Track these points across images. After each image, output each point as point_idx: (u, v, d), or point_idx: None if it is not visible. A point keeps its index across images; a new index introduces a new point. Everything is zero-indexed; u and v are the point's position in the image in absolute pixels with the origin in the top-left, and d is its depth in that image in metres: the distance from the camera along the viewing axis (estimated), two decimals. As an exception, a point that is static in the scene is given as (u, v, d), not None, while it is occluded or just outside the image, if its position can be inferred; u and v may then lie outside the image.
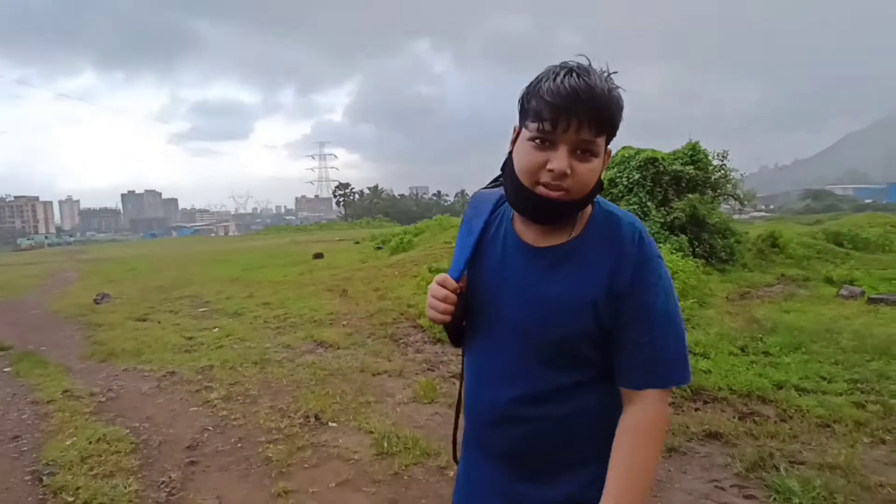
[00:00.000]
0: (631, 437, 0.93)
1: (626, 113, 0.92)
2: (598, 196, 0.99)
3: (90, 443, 3.34)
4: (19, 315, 9.05)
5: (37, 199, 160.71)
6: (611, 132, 0.92)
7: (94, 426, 3.64)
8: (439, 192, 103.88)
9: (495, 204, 1.08)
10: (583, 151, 0.90)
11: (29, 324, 8.17)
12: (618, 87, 0.90)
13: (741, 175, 12.03)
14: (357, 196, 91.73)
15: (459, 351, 1.13)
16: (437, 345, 5.61)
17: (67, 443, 3.36)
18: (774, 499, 2.54)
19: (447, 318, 1.02)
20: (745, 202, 12.40)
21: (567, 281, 0.95)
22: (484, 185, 1.17)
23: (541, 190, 0.92)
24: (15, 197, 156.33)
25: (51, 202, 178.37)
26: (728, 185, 11.42)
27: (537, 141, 0.90)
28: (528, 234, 1.01)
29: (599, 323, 0.94)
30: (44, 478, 2.94)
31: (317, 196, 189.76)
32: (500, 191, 1.06)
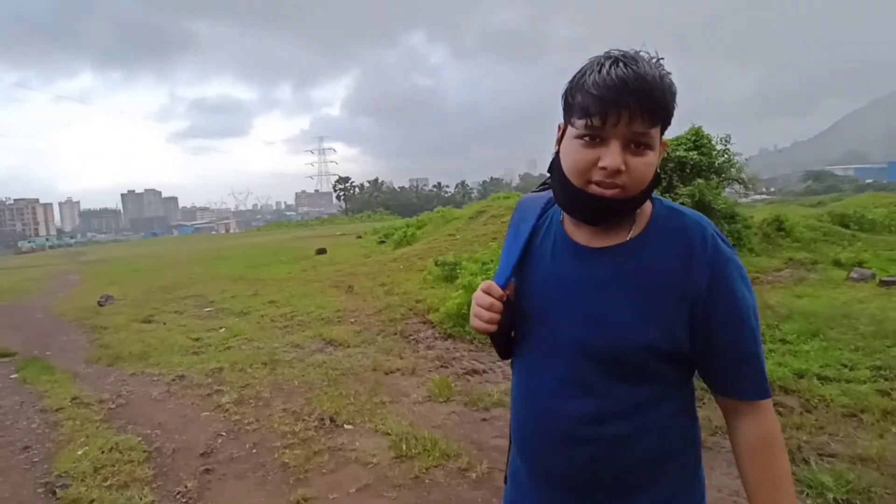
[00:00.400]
0: (765, 452, 0.88)
1: None
2: (656, 194, 0.93)
3: (102, 452, 3.28)
4: (23, 319, 9.00)
5: (37, 201, 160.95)
6: (665, 121, 0.85)
7: (105, 434, 3.58)
8: (439, 183, 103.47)
9: (543, 207, 1.02)
10: (637, 145, 0.83)
11: (33, 328, 8.12)
12: (669, 73, 0.83)
13: (745, 159, 11.94)
14: (357, 190, 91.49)
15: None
16: (448, 340, 5.51)
17: (79, 452, 3.30)
18: (808, 494, 2.47)
19: (493, 327, 0.95)
20: (750, 186, 12.29)
21: (627, 284, 0.88)
22: (532, 189, 1.11)
23: (593, 189, 0.85)
24: (15, 200, 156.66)
25: (51, 204, 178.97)
26: (732, 170, 11.33)
27: (586, 138, 0.84)
28: (581, 234, 0.93)
29: (668, 331, 0.86)
30: (57, 490, 2.89)
31: (317, 191, 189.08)
32: (548, 194, 1.00)
